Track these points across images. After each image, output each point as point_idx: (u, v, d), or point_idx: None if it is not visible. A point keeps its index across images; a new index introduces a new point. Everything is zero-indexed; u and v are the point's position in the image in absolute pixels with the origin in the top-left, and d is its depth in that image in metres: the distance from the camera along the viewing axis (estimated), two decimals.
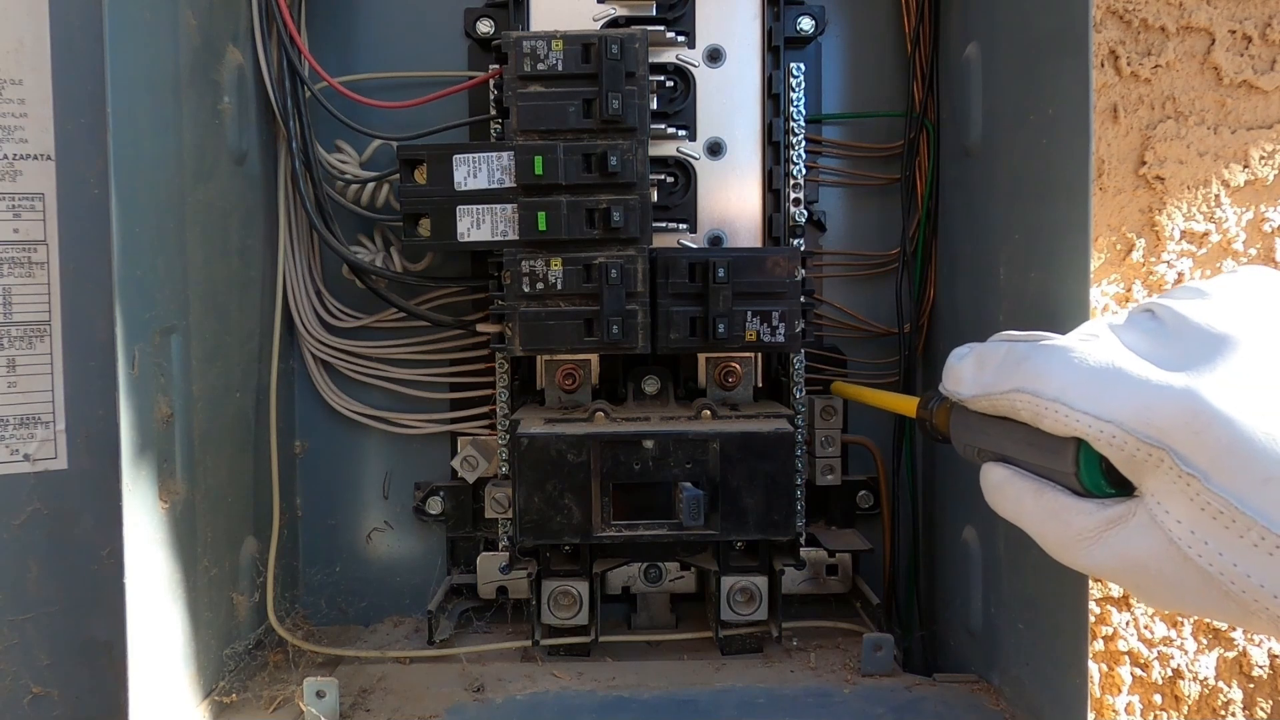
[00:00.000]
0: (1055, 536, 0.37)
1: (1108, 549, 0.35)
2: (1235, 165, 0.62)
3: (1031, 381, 0.37)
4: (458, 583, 0.69)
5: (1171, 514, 0.33)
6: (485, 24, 0.67)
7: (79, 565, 0.58)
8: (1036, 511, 0.38)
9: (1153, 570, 0.34)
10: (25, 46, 0.56)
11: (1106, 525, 0.35)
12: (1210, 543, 0.32)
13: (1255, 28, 0.62)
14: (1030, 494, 0.38)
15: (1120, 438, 0.33)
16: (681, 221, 0.65)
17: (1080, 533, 0.36)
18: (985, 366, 0.40)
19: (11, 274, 0.57)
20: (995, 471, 0.40)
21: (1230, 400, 0.32)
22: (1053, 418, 0.35)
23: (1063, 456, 0.36)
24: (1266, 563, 0.31)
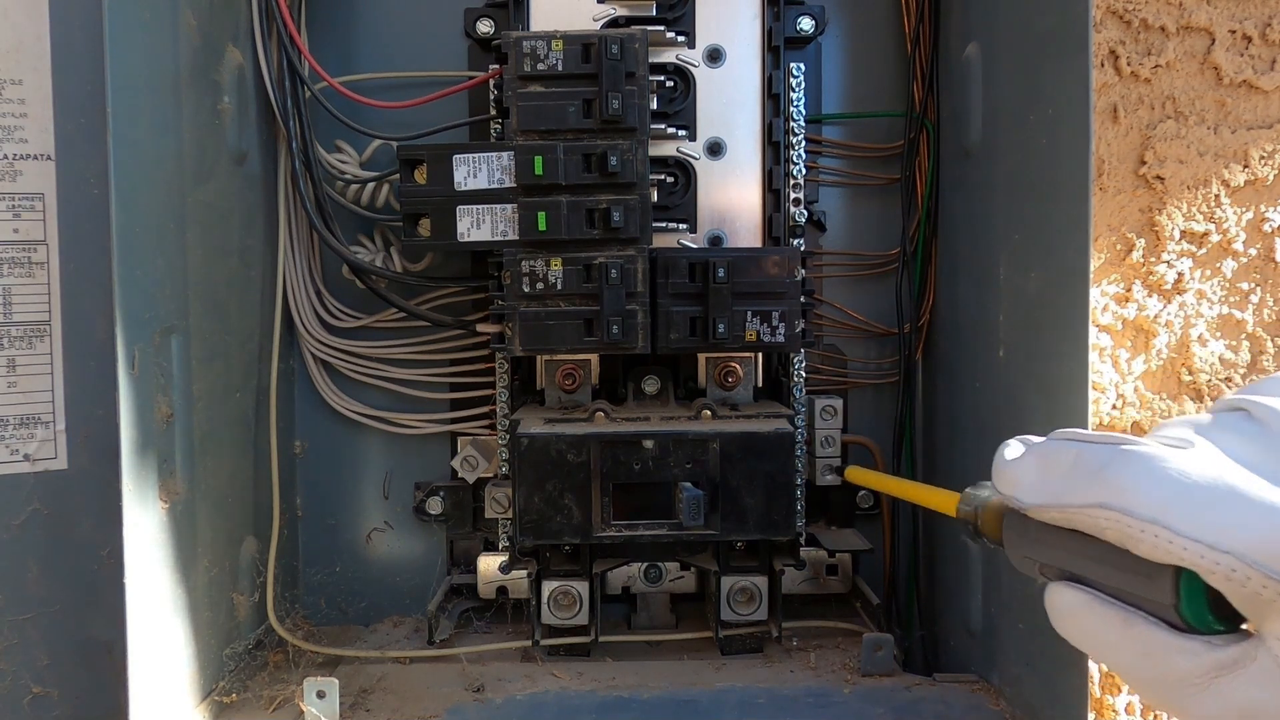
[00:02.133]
0: (1152, 679, 0.32)
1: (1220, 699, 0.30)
2: (1235, 165, 0.62)
3: (1119, 497, 0.31)
4: (458, 583, 0.69)
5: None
6: (485, 24, 0.67)
7: (79, 565, 0.58)
8: (1125, 648, 0.32)
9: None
10: (25, 46, 0.56)
11: (1218, 670, 0.30)
12: None
13: (1255, 28, 0.62)
14: (1116, 626, 0.32)
15: (1241, 572, 0.28)
16: (681, 221, 0.65)
17: (1184, 677, 0.30)
18: (1051, 471, 0.34)
19: (11, 274, 0.57)
20: (1067, 595, 0.34)
21: None
22: (1151, 543, 0.30)
23: (1159, 585, 0.31)
24: None
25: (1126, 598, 0.33)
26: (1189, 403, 0.63)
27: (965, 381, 0.64)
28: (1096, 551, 0.33)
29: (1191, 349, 0.63)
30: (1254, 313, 0.63)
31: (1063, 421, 0.51)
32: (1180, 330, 0.63)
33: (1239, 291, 0.63)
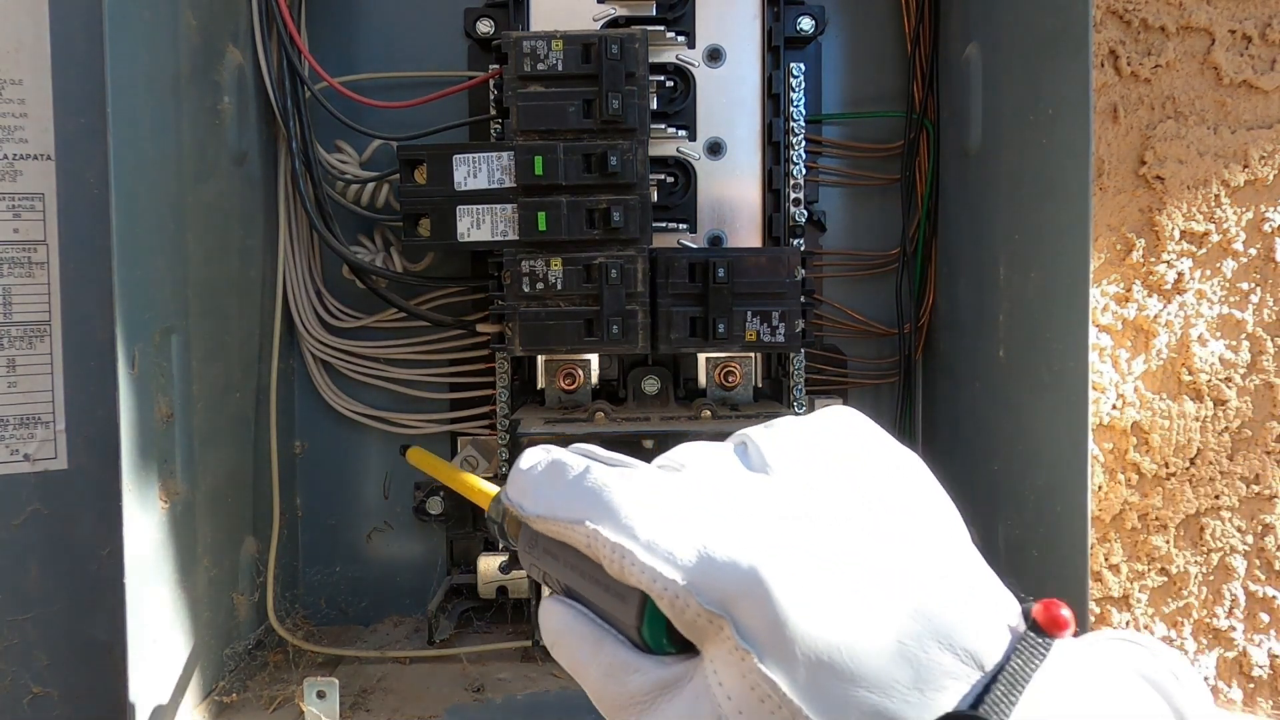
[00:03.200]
0: (610, 697, 0.33)
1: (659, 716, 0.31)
2: (1235, 165, 0.62)
3: (600, 516, 0.32)
4: (458, 583, 0.69)
5: (724, 687, 0.30)
6: (485, 24, 0.67)
7: (79, 565, 0.58)
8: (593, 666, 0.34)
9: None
10: (25, 46, 0.56)
11: (661, 689, 0.32)
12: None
13: (1255, 28, 0.62)
14: (589, 645, 0.34)
15: (683, 599, 0.30)
16: (681, 221, 0.65)
17: (634, 695, 0.32)
18: (556, 483, 0.35)
19: (11, 274, 0.57)
20: (555, 615, 0.35)
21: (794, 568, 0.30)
22: (618, 565, 0.31)
23: (628, 607, 0.32)
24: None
25: (606, 617, 0.33)
26: (1189, 402, 0.63)
27: (965, 381, 0.64)
28: (585, 568, 0.33)
29: (1191, 349, 0.63)
30: (1254, 313, 0.63)
31: (1063, 421, 0.51)
32: (1180, 330, 0.63)
33: (1239, 291, 0.63)
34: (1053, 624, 0.30)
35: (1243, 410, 0.63)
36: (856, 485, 0.33)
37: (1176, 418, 0.63)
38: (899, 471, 0.35)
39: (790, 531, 0.31)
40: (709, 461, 0.34)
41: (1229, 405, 0.63)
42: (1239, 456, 0.63)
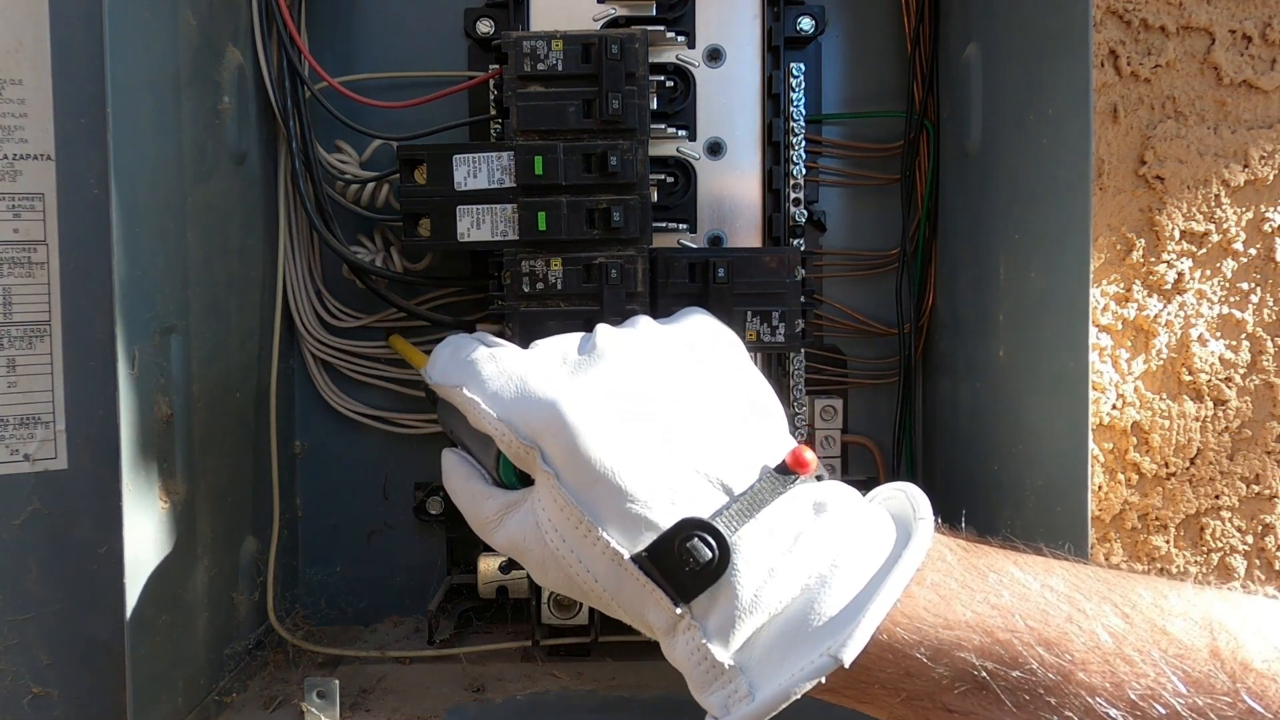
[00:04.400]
0: (472, 517, 0.44)
1: (502, 531, 0.41)
2: (1235, 165, 0.62)
3: (468, 379, 0.42)
4: (458, 583, 0.69)
5: (540, 502, 0.39)
6: (485, 24, 0.67)
7: (79, 565, 0.58)
8: (464, 496, 0.44)
9: (531, 552, 0.40)
10: (25, 46, 0.56)
11: (505, 510, 0.42)
12: (558, 530, 0.38)
13: (1255, 28, 0.62)
14: (463, 481, 0.44)
15: (508, 436, 0.40)
16: (681, 221, 0.65)
17: (488, 516, 0.42)
18: (452, 358, 0.45)
19: (11, 274, 0.57)
20: (446, 460, 0.46)
21: (584, 409, 0.38)
22: (474, 414, 0.41)
23: (488, 452, 0.42)
24: (591, 553, 0.37)
25: (479, 460, 0.44)
26: (1189, 402, 0.63)
27: (965, 381, 0.64)
28: (465, 423, 0.43)
29: (1191, 349, 0.63)
30: (1254, 313, 0.63)
31: (1063, 421, 0.51)
32: (1180, 330, 0.63)
33: (1239, 291, 0.63)
34: (796, 464, 0.38)
35: (1243, 410, 0.63)
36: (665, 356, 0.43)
37: (1176, 418, 0.63)
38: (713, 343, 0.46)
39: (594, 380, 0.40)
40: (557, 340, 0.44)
41: (1229, 405, 0.63)
42: (1239, 456, 0.63)
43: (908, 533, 0.37)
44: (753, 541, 0.36)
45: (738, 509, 0.36)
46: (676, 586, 0.36)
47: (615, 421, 0.38)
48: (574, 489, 0.38)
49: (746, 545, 0.36)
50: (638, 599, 0.37)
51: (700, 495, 0.37)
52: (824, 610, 0.35)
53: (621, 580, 0.37)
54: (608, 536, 0.37)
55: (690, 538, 0.35)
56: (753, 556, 0.36)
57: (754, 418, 0.42)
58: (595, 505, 0.37)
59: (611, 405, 0.39)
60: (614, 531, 0.37)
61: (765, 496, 0.37)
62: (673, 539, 0.36)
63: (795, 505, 0.37)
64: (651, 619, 0.37)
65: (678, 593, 0.36)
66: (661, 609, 0.37)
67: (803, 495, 0.38)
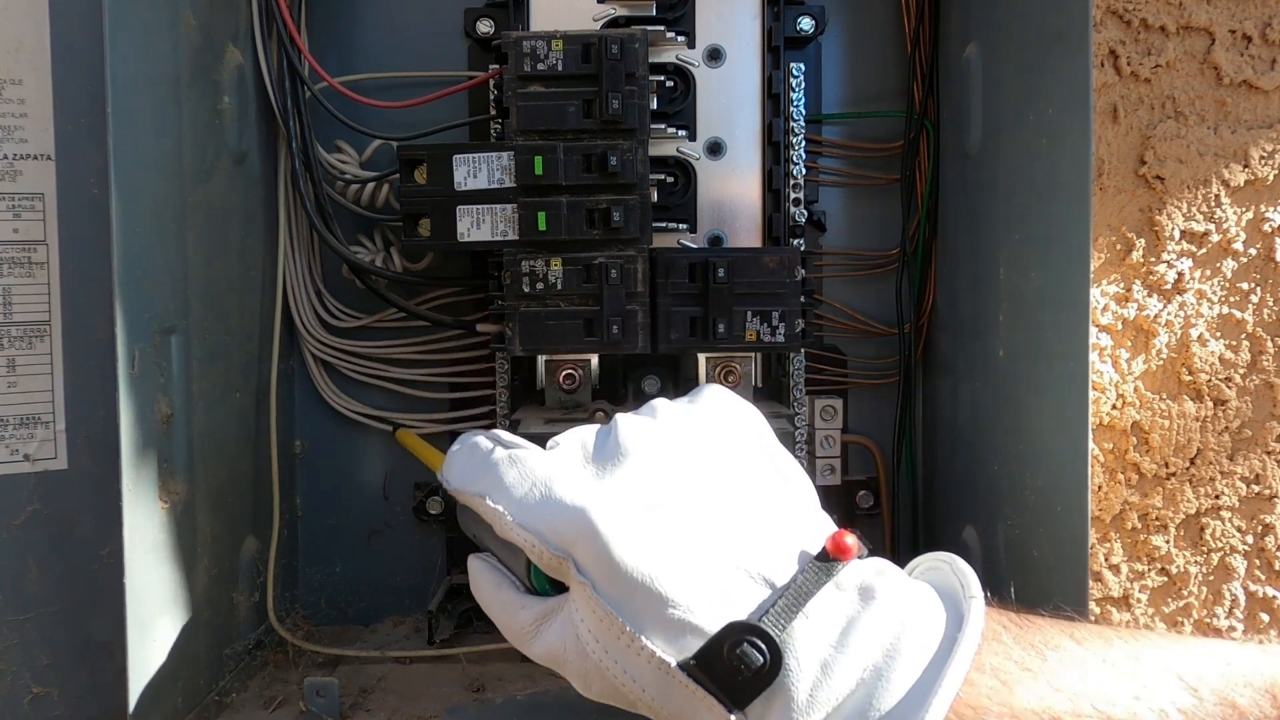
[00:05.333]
0: (509, 628, 0.41)
1: (539, 641, 0.40)
2: (1235, 165, 0.62)
3: (490, 487, 0.41)
4: (458, 583, 0.69)
5: (579, 613, 0.37)
6: (485, 24, 0.67)
7: (79, 565, 0.58)
8: (496, 605, 0.42)
9: (571, 664, 0.38)
10: (25, 46, 0.56)
11: (540, 620, 0.40)
12: (600, 641, 0.36)
13: (1255, 28, 0.62)
14: (493, 590, 0.42)
15: (539, 548, 0.38)
16: (681, 221, 0.65)
17: (523, 626, 0.40)
18: (471, 461, 0.43)
19: (11, 274, 0.57)
20: (473, 567, 0.44)
21: (615, 515, 0.37)
22: (500, 525, 0.40)
23: (518, 559, 0.41)
24: (636, 663, 0.36)
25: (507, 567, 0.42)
26: (1189, 402, 0.63)
27: (965, 381, 0.64)
28: (491, 530, 0.42)
29: (1191, 349, 0.63)
30: (1254, 313, 0.63)
31: (1063, 421, 0.51)
32: (1180, 330, 0.63)
33: (1239, 291, 0.63)
34: (838, 550, 0.36)
35: (1243, 410, 0.63)
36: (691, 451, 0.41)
37: (1176, 418, 0.63)
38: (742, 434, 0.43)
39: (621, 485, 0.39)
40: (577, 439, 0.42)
41: (1229, 405, 0.63)
42: (1239, 456, 0.63)
43: (958, 611, 0.36)
44: (803, 638, 0.34)
45: (783, 605, 0.35)
46: (729, 693, 0.34)
47: (648, 524, 0.37)
48: (612, 598, 0.36)
49: (797, 643, 0.34)
50: (689, 706, 0.35)
51: (743, 593, 0.36)
52: (883, 705, 0.33)
53: (670, 689, 0.35)
54: (652, 645, 0.35)
55: (739, 643, 0.34)
56: (804, 654, 0.34)
57: (787, 495, 0.41)
58: (636, 614, 0.36)
59: (642, 507, 0.37)
60: (658, 640, 0.35)
61: (809, 588, 0.35)
62: (720, 646, 0.34)
63: (841, 594, 0.36)
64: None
65: (731, 699, 0.34)
66: (715, 716, 0.35)
67: (847, 582, 0.36)
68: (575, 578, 0.37)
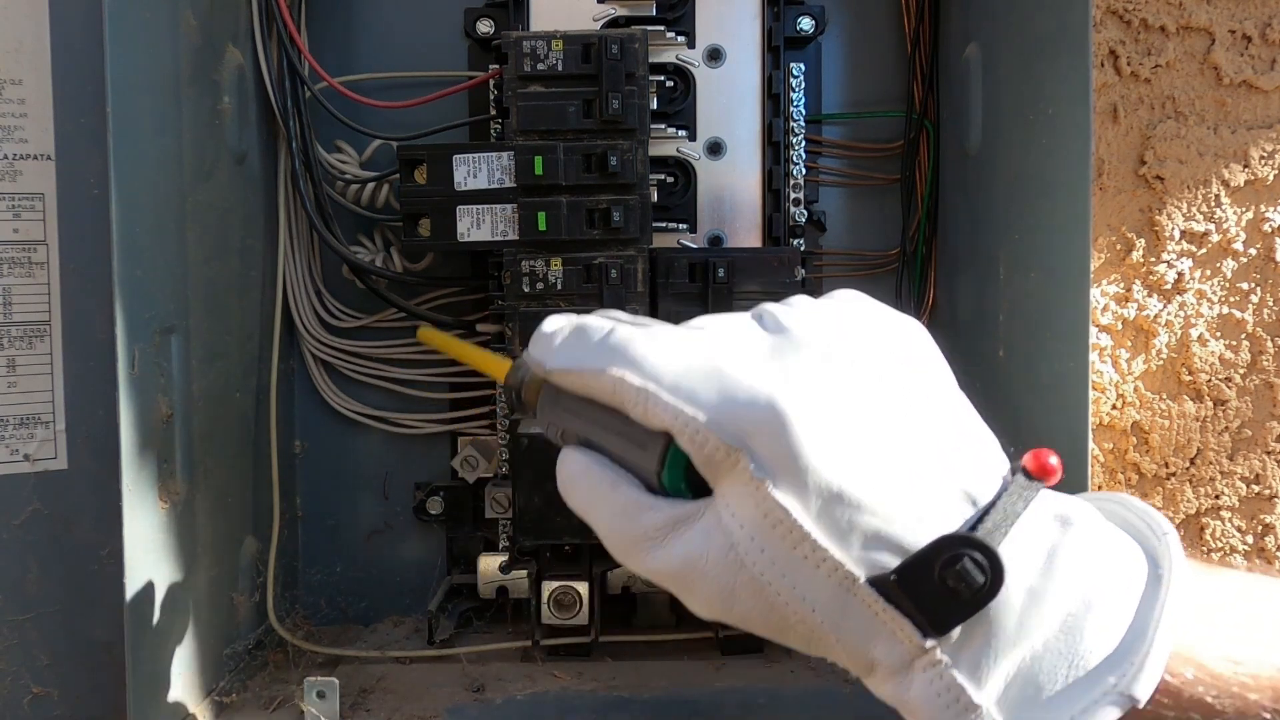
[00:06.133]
0: (622, 534, 0.35)
1: (668, 549, 0.34)
2: (1235, 165, 0.62)
3: (628, 363, 0.34)
4: (458, 583, 0.69)
5: (737, 517, 0.32)
6: (485, 24, 0.67)
7: (79, 565, 0.58)
8: (608, 506, 0.35)
9: (709, 575, 0.33)
10: (25, 46, 0.56)
11: (674, 525, 0.34)
12: (765, 550, 0.32)
13: (1255, 28, 0.62)
14: (606, 487, 0.35)
15: (703, 435, 0.32)
16: (681, 221, 0.65)
17: (646, 531, 0.34)
18: (583, 340, 0.36)
19: (11, 274, 0.57)
20: (575, 458, 0.36)
21: (805, 406, 0.32)
22: (643, 405, 0.33)
23: (650, 452, 0.34)
24: (812, 576, 0.31)
25: (627, 465, 0.35)
26: (1189, 402, 0.63)
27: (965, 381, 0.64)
28: (606, 418, 0.35)
29: (1191, 349, 0.63)
30: (1254, 313, 0.63)
31: (1063, 421, 0.51)
32: (1180, 330, 0.63)
33: (1239, 291, 0.63)
34: (1042, 471, 0.33)
35: (1243, 410, 0.63)
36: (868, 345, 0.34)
37: (1176, 418, 0.63)
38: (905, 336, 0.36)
39: (806, 373, 0.32)
40: (729, 321, 0.35)
41: (1229, 405, 0.63)
42: (1239, 456, 0.63)
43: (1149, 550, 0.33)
44: (1012, 561, 0.31)
45: (993, 523, 0.31)
46: (931, 615, 0.30)
47: (841, 420, 0.32)
48: (794, 501, 0.31)
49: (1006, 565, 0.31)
50: (866, 632, 0.31)
51: (948, 508, 0.32)
52: (1096, 640, 0.30)
53: (849, 610, 0.31)
54: (839, 556, 0.31)
55: (958, 558, 0.30)
56: (1013, 579, 0.31)
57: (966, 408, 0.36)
58: (823, 517, 0.31)
59: (832, 401, 0.32)
60: (845, 552, 0.31)
61: (1016, 507, 0.32)
62: (932, 561, 0.30)
63: (1041, 519, 0.32)
64: (879, 654, 0.32)
65: (931, 623, 0.31)
66: (898, 641, 0.31)
67: (1043, 507, 0.33)
68: (749, 472, 0.31)
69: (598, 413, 0.35)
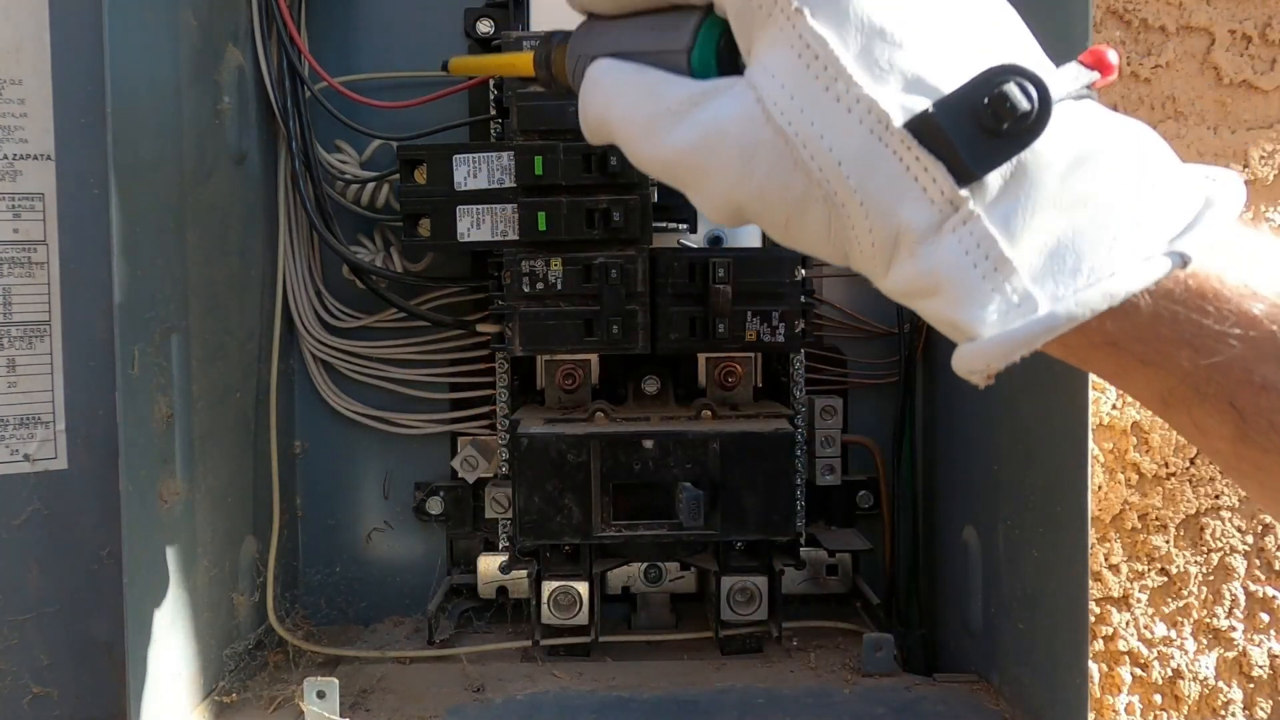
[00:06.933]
0: (641, 112, 0.33)
1: (691, 121, 0.31)
2: (1235, 165, 0.62)
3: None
4: (458, 583, 0.69)
5: (768, 67, 0.30)
6: (485, 24, 0.67)
7: (79, 565, 0.58)
8: (630, 91, 0.33)
9: (730, 138, 0.30)
10: (25, 46, 0.56)
11: (701, 96, 0.32)
12: (795, 97, 0.29)
13: (1255, 28, 0.62)
14: (630, 75, 0.33)
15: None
16: (681, 221, 0.65)
17: (670, 105, 0.32)
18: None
19: (11, 274, 0.57)
20: (602, 64, 0.35)
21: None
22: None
23: (682, 31, 0.33)
24: (843, 120, 0.28)
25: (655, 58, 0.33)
26: None
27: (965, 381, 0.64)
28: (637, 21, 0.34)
29: None
30: None
31: (1063, 421, 0.51)
32: None
33: None
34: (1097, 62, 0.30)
35: None
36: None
37: None
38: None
39: None
40: None
41: None
42: None
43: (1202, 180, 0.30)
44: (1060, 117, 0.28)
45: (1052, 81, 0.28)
46: (970, 153, 0.27)
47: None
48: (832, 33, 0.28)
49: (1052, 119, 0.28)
50: (895, 187, 0.28)
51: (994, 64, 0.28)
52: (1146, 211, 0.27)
53: (877, 158, 0.28)
54: (874, 94, 0.28)
55: (1003, 80, 0.27)
56: (1058, 135, 0.28)
57: None
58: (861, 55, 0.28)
59: None
60: (882, 90, 0.28)
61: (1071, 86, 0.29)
62: (978, 90, 0.27)
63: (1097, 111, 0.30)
64: (906, 215, 0.28)
65: (969, 160, 0.27)
66: (929, 199, 0.28)
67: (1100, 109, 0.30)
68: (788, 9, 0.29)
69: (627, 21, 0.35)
